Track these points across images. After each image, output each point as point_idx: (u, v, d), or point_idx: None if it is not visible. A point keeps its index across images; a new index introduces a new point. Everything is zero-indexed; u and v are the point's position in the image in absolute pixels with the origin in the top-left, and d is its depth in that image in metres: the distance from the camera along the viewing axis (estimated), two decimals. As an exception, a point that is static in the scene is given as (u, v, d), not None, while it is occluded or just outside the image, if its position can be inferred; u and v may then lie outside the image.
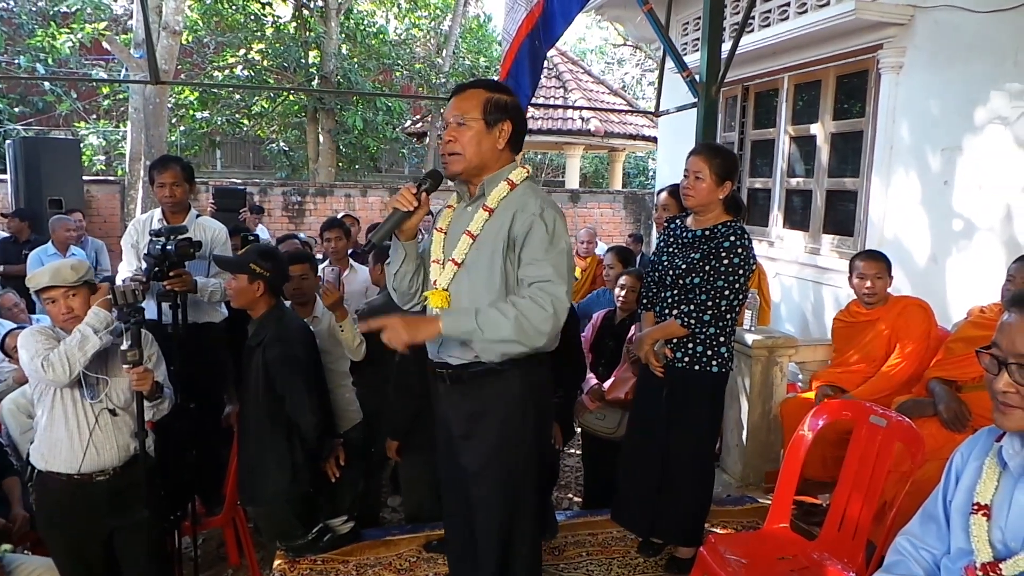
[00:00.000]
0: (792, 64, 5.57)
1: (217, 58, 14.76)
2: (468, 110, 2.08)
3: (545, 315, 1.95)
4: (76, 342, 2.43)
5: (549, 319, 1.96)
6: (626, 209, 12.09)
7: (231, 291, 2.93)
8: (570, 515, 3.53)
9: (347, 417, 3.38)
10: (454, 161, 2.11)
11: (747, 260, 2.72)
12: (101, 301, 2.53)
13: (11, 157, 8.48)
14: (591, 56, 25.67)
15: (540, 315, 1.95)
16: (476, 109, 2.07)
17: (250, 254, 2.94)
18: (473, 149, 2.08)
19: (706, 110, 3.96)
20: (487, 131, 2.08)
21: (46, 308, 2.57)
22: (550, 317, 1.95)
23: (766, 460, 3.82)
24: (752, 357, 3.77)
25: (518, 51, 4.25)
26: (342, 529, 3.12)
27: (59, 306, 2.52)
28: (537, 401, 2.18)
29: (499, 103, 2.09)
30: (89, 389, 2.55)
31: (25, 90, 14.88)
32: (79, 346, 2.42)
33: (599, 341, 3.84)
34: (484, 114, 2.07)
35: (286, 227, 10.40)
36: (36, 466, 2.56)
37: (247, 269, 2.86)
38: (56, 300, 2.52)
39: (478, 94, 2.10)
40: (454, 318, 1.99)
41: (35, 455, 2.58)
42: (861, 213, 5.06)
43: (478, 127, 2.07)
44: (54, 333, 2.56)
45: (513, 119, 2.12)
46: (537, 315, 1.95)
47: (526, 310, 1.95)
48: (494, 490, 2.18)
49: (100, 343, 2.47)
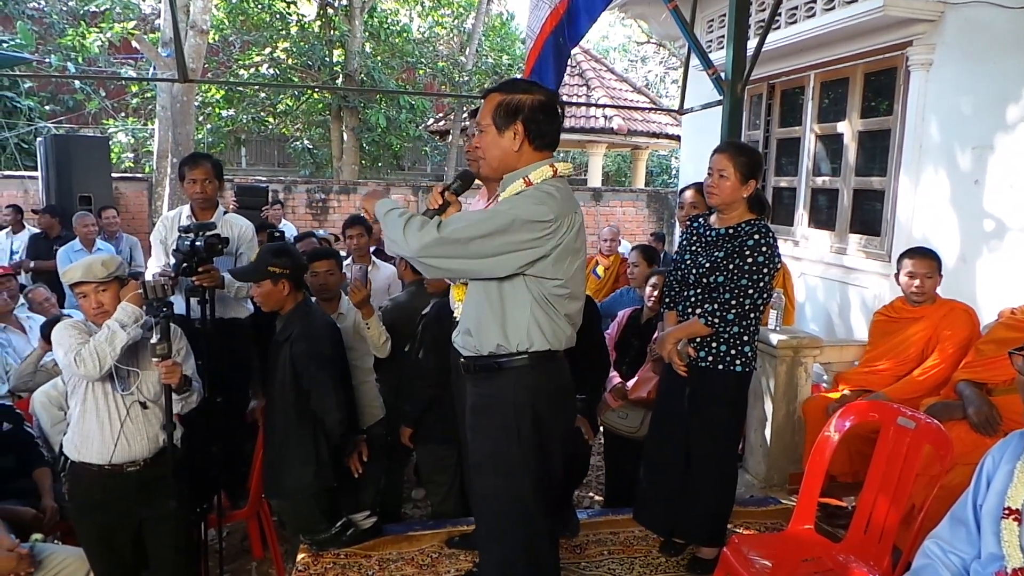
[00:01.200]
0: (819, 61, 5.52)
1: (243, 57, 14.90)
2: (484, 115, 2.13)
3: (416, 232, 1.98)
4: (105, 337, 2.47)
5: (416, 235, 1.98)
6: (649, 208, 12.04)
7: (259, 299, 2.95)
8: (591, 514, 3.52)
9: (370, 413, 3.40)
10: (480, 165, 2.20)
11: (771, 259, 2.70)
12: (131, 296, 2.56)
13: (42, 154, 8.63)
14: (614, 54, 25.57)
15: (414, 229, 2.00)
16: (489, 114, 2.11)
17: (265, 258, 2.95)
18: (492, 153, 2.14)
19: (731, 108, 3.93)
20: (499, 135, 2.10)
21: (78, 302, 2.62)
22: (418, 235, 1.98)
23: (790, 461, 3.78)
24: (777, 357, 3.73)
25: (542, 48, 4.24)
26: (365, 524, 3.14)
27: (90, 301, 2.57)
28: (539, 401, 2.13)
29: (510, 106, 2.08)
30: (120, 382, 2.59)
31: (56, 88, 15.13)
32: (108, 341, 2.46)
33: (624, 340, 3.83)
34: (494, 118, 2.10)
35: (310, 224, 10.49)
36: (69, 456, 2.61)
37: (267, 274, 2.89)
38: (87, 295, 2.57)
39: (492, 98, 2.12)
40: (383, 203, 2.14)
41: (68, 446, 2.63)
42: (889, 212, 5.00)
43: (491, 132, 2.12)
44: (86, 327, 2.60)
45: (525, 119, 2.08)
46: (413, 228, 2.00)
47: (412, 220, 2.02)
48: (487, 484, 2.20)
49: (128, 338, 2.50)
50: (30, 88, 14.00)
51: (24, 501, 3.16)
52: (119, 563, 2.70)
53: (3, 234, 7.14)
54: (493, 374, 2.13)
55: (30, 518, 3.07)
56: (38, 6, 14.47)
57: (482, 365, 2.15)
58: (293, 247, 3.18)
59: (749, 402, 3.61)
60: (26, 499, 3.18)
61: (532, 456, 2.13)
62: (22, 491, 3.22)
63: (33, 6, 14.47)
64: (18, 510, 3.06)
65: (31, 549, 2.74)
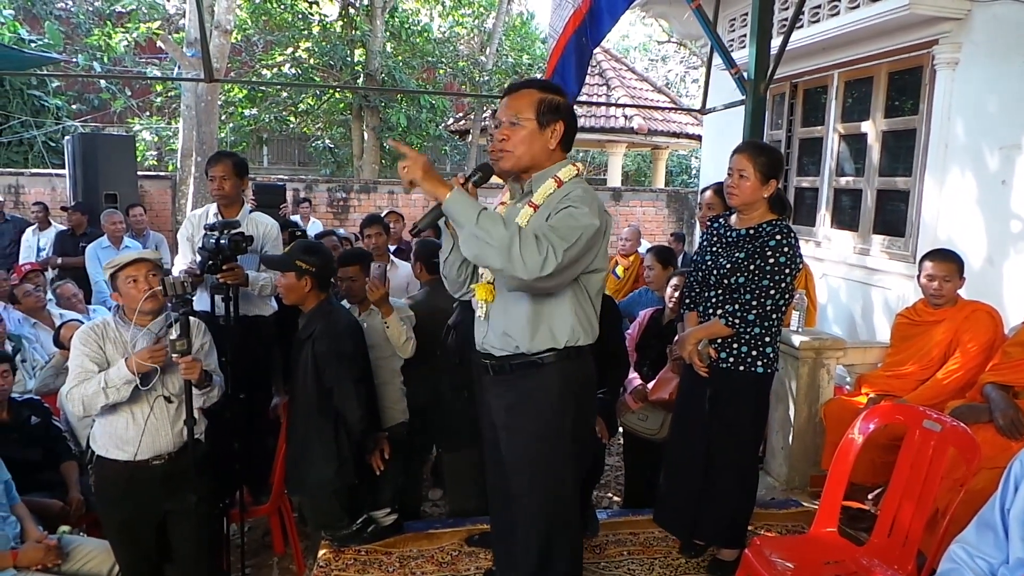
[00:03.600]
0: (843, 60, 5.46)
1: (265, 56, 15.05)
2: (521, 109, 2.10)
3: (536, 256, 1.89)
4: (92, 392, 2.48)
5: (538, 261, 1.89)
6: (669, 208, 11.98)
7: (281, 288, 2.99)
8: (611, 514, 3.52)
9: (392, 416, 3.41)
10: (503, 158, 2.14)
11: (793, 259, 2.68)
12: (141, 353, 2.50)
13: (70, 152, 8.76)
14: (634, 53, 25.49)
15: (532, 251, 1.90)
16: (529, 109, 2.10)
17: (295, 251, 2.99)
18: (524, 148, 2.12)
19: (754, 108, 3.91)
20: (539, 131, 2.11)
21: (123, 288, 2.60)
22: (540, 260, 1.89)
23: (811, 463, 3.75)
24: (799, 359, 3.70)
25: (564, 48, 4.23)
26: (386, 521, 3.16)
27: (140, 284, 2.58)
28: (577, 394, 2.20)
29: (552, 104, 2.11)
30: (145, 377, 2.62)
31: (82, 87, 15.36)
32: (93, 396, 2.48)
33: (645, 341, 3.81)
34: (537, 114, 2.10)
35: (331, 223, 10.55)
36: (95, 451, 2.65)
37: (294, 266, 2.92)
38: (138, 279, 2.58)
39: (531, 94, 2.12)
40: (464, 198, 1.96)
41: (94, 440, 2.66)
42: (913, 213, 4.94)
43: (531, 127, 2.10)
44: (104, 331, 2.61)
45: (565, 120, 2.14)
46: (530, 250, 1.90)
47: (524, 238, 1.91)
48: (532, 481, 2.21)
49: (108, 401, 2.49)
50: (58, 87, 14.23)
51: (52, 493, 3.21)
52: (143, 555, 2.73)
53: (31, 231, 7.25)
54: (531, 371, 2.15)
55: (58, 510, 3.12)
56: (65, 7, 14.69)
57: (519, 363, 2.16)
58: (327, 249, 3.20)
59: (771, 404, 3.58)
60: (54, 491, 3.23)
61: (571, 449, 2.20)
62: (50, 483, 3.27)
63: (60, 7, 14.71)
64: (46, 502, 3.12)
65: (59, 541, 2.79)
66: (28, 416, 3.37)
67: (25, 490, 2.99)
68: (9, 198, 9.63)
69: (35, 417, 3.40)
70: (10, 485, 2.88)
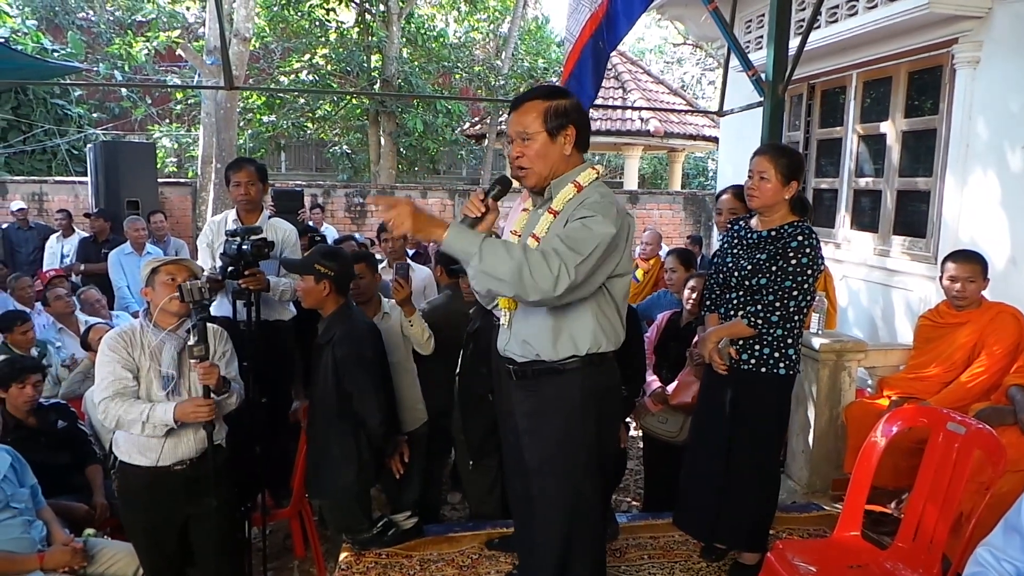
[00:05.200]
0: (861, 60, 5.42)
1: (283, 63, 15.17)
2: (529, 124, 2.08)
3: (548, 276, 1.87)
4: (131, 419, 2.52)
5: (550, 280, 1.87)
6: (685, 210, 11.94)
7: (300, 292, 3.01)
8: (631, 517, 3.50)
9: (413, 416, 3.42)
10: (526, 176, 2.14)
11: (815, 260, 2.66)
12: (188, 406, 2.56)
13: (92, 160, 8.88)
14: (650, 55, 25.45)
15: (543, 272, 1.87)
16: (537, 121, 2.08)
17: (315, 255, 3.02)
18: (541, 161, 2.11)
19: (772, 109, 3.88)
20: (551, 140, 2.09)
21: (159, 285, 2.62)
22: (552, 279, 1.87)
23: (833, 467, 3.72)
24: (820, 361, 3.68)
25: (581, 53, 4.23)
26: (406, 524, 3.16)
27: (174, 285, 2.61)
28: (600, 401, 2.18)
29: (559, 109, 2.08)
30: (167, 382, 2.64)
31: (103, 96, 15.57)
32: (131, 423, 2.53)
33: (663, 343, 3.80)
34: (545, 124, 2.08)
35: (348, 228, 10.62)
36: (118, 456, 2.68)
37: (313, 270, 2.94)
38: (176, 278, 2.62)
39: (536, 105, 2.09)
40: (462, 234, 1.92)
41: (117, 446, 2.69)
42: (934, 214, 4.88)
43: (542, 139, 2.08)
44: (132, 337, 2.64)
45: (575, 122, 2.11)
46: (540, 271, 1.87)
47: (533, 262, 1.88)
48: (555, 486, 2.20)
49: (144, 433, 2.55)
50: (80, 96, 14.42)
51: (77, 497, 3.26)
52: (166, 559, 2.76)
53: (55, 238, 7.36)
54: (553, 377, 2.15)
55: (83, 514, 3.17)
56: (87, 16, 14.91)
57: (541, 369, 2.16)
58: (346, 254, 3.23)
59: (792, 407, 3.56)
60: (79, 495, 3.28)
61: (594, 455, 2.18)
62: (75, 487, 3.32)
63: (82, 16, 14.92)
64: (72, 506, 3.17)
65: (84, 543, 2.83)
66: (55, 420, 3.43)
67: (51, 493, 3.04)
68: (33, 206, 9.77)
69: (62, 421, 3.45)
70: (36, 489, 2.92)
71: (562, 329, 2.12)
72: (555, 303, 1.98)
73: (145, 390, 2.62)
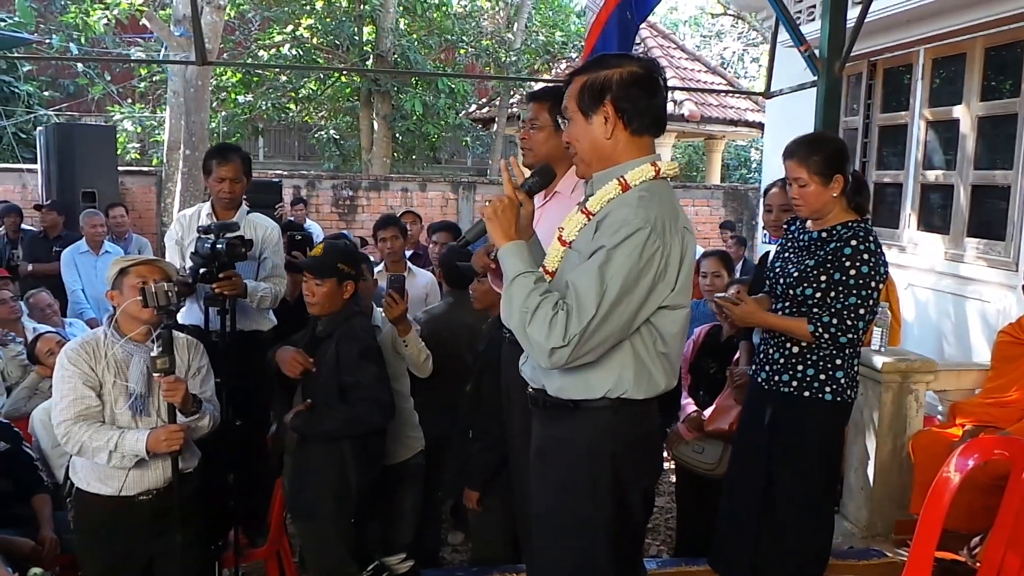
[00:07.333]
0: (930, 34, 5.42)
1: (262, 36, 15.23)
2: (568, 100, 2.03)
3: (542, 345, 1.84)
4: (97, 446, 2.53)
5: (543, 351, 1.85)
6: (725, 207, 11.95)
7: (316, 297, 2.99)
8: (661, 563, 3.50)
9: (408, 444, 3.41)
10: (579, 167, 2.10)
11: (877, 267, 2.66)
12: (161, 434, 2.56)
13: (42, 145, 8.94)
14: (684, 29, 25.49)
15: (542, 334, 1.84)
16: (573, 99, 2.00)
17: (334, 255, 3.03)
18: (582, 146, 2.03)
19: (827, 90, 3.88)
20: (587, 122, 1.99)
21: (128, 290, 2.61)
22: (544, 351, 1.85)
23: (897, 507, 3.70)
24: (881, 383, 3.66)
25: (606, 24, 4.25)
26: (400, 568, 3.16)
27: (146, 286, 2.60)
28: (618, 454, 2.04)
29: (595, 85, 1.95)
30: (136, 401, 2.65)
31: (56, 72, 15.71)
32: (96, 450, 2.53)
33: (699, 361, 3.79)
34: (580, 103, 1.98)
35: (336, 225, 10.65)
36: (76, 483, 2.69)
37: (336, 271, 2.96)
38: (148, 283, 2.58)
39: (576, 81, 2.00)
40: (508, 259, 1.98)
41: (74, 471, 2.71)
42: (1016, 213, 4.87)
43: (578, 120, 2.00)
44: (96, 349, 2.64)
45: (615, 97, 1.94)
46: (540, 332, 1.84)
47: (538, 318, 1.85)
48: (556, 543, 2.13)
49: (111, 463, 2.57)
50: (29, 72, 14.57)
51: (21, 531, 3.25)
52: (125, 603, 2.76)
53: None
54: (566, 413, 2.06)
55: (28, 550, 3.16)
56: (38, -20, 15.05)
57: (551, 403, 2.09)
58: (362, 252, 3.26)
59: (848, 436, 3.54)
60: (24, 528, 3.27)
61: (610, 514, 2.04)
62: (20, 519, 3.32)
63: (33, -20, 15.06)
64: (16, 541, 3.16)
65: (31, 584, 2.84)
66: (-4, 443, 3.43)
67: (-9, 526, 3.05)
68: (-27, 196, 9.86)
69: (3, 442, 3.45)
70: (-28, 523, 2.93)
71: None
72: (567, 366, 1.91)
73: (109, 410, 2.63)
